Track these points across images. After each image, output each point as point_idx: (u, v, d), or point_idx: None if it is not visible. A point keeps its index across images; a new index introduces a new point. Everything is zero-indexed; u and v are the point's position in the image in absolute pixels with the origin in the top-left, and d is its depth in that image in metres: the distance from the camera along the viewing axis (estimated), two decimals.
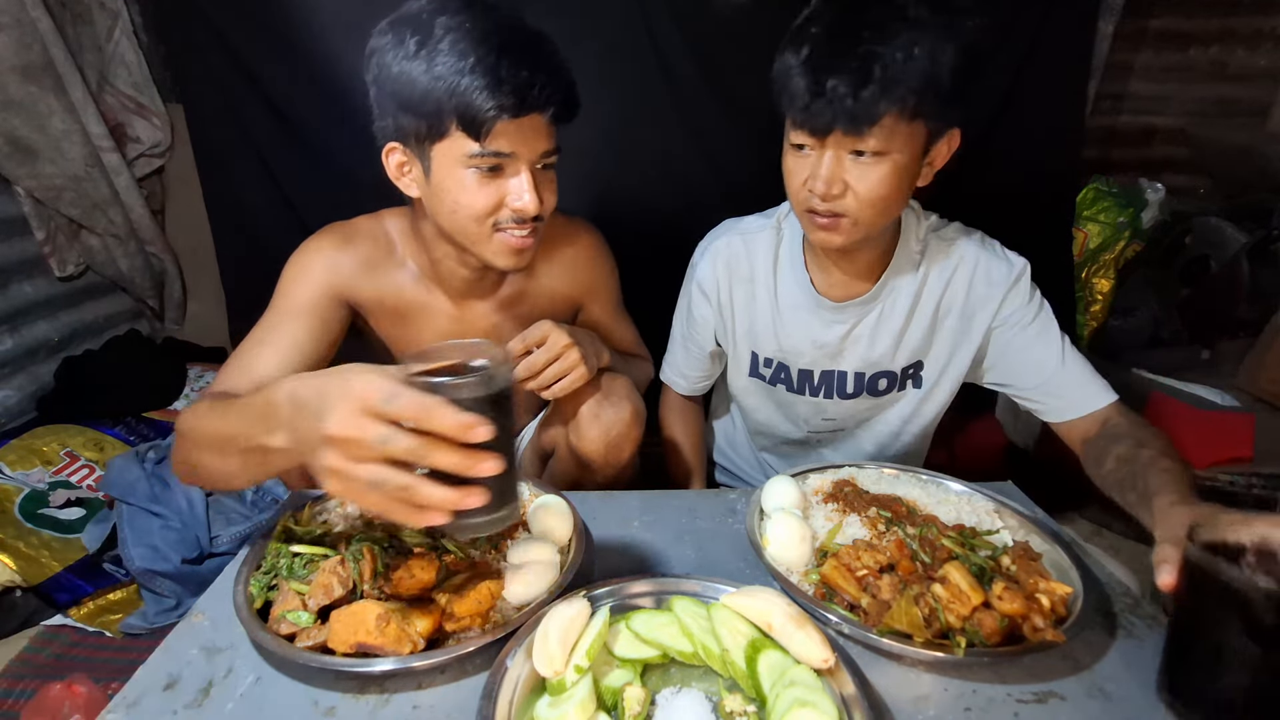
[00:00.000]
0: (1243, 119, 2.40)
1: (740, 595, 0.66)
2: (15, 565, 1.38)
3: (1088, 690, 0.64)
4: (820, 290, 1.04)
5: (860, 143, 0.83)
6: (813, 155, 0.87)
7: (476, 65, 0.79)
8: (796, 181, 0.91)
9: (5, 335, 1.83)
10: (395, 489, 0.51)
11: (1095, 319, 2.23)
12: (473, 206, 0.88)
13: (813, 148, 0.87)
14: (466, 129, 0.82)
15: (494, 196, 0.87)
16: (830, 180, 0.86)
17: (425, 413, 0.50)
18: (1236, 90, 2.38)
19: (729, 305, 1.12)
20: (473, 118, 0.81)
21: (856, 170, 0.86)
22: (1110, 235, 2.18)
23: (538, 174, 0.89)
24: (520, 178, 0.87)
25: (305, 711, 0.61)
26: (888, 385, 1.10)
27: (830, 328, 1.05)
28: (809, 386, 1.12)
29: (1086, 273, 2.21)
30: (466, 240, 0.92)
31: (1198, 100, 2.40)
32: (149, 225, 2.06)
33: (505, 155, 0.85)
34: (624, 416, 1.00)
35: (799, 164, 0.90)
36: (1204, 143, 2.37)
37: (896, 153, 0.85)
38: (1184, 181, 2.40)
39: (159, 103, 2.03)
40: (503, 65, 0.79)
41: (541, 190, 0.89)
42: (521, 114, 0.82)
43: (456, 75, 0.79)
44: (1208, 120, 2.40)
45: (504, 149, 0.84)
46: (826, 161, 0.86)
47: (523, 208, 0.87)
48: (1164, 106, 2.41)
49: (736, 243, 1.09)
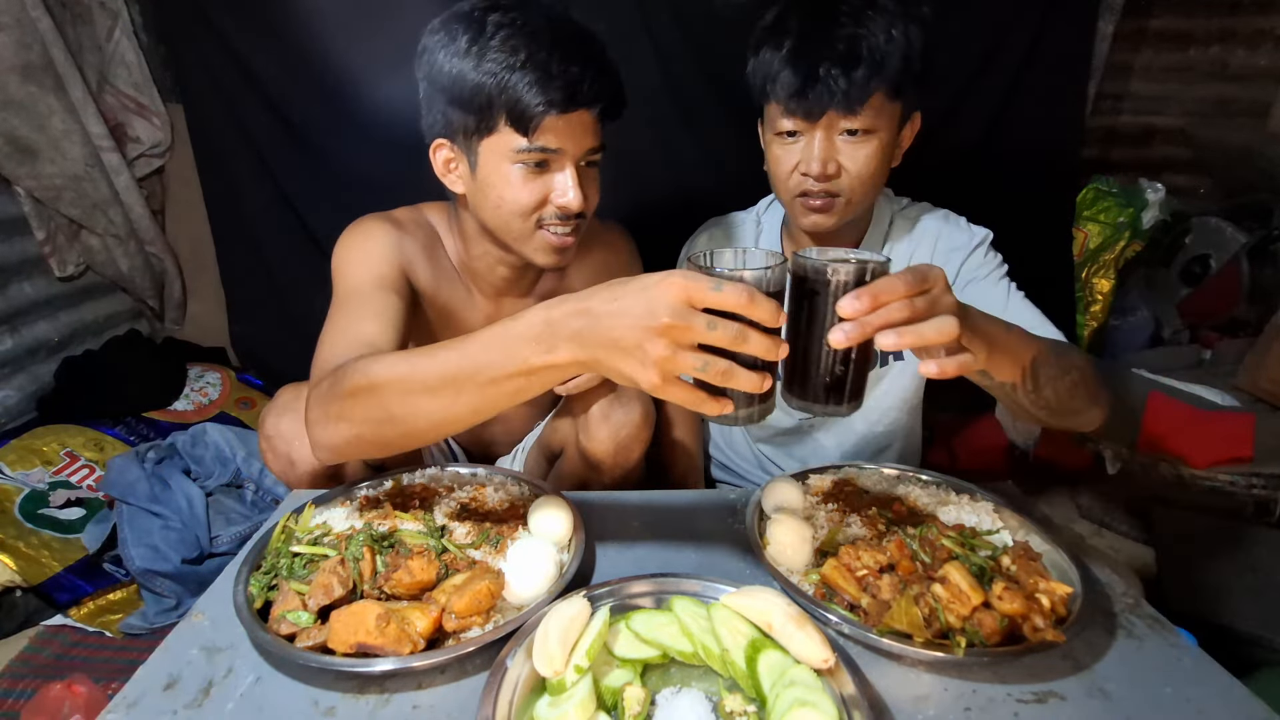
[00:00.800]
0: (1243, 119, 2.40)
1: (740, 595, 0.66)
2: (15, 565, 1.38)
3: (1088, 690, 0.64)
4: None
5: (853, 121, 0.88)
6: (803, 140, 0.92)
7: (527, 61, 0.80)
8: (785, 168, 0.94)
9: (5, 335, 1.83)
10: (718, 372, 0.56)
11: (1095, 319, 2.22)
12: (518, 202, 0.89)
13: (804, 132, 0.91)
14: (515, 124, 0.84)
15: (539, 192, 0.88)
16: (825, 160, 0.90)
17: (749, 300, 0.55)
18: (1236, 90, 2.38)
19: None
20: (521, 113, 0.82)
21: (848, 150, 0.91)
22: (1110, 235, 2.18)
23: (582, 171, 0.90)
24: (565, 174, 0.88)
25: (305, 711, 0.61)
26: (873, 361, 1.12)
27: None
28: None
29: (1086, 273, 2.21)
30: (509, 237, 0.93)
31: (1198, 100, 2.40)
32: (149, 225, 2.06)
33: (552, 151, 0.86)
34: (634, 418, 1.00)
35: (788, 151, 0.93)
36: (1204, 143, 2.37)
37: (882, 130, 0.90)
38: (1184, 181, 2.40)
39: (159, 103, 2.03)
40: (553, 61, 0.81)
41: (586, 187, 0.90)
42: (570, 109, 0.83)
43: (507, 71, 0.81)
44: (1208, 120, 2.39)
45: (551, 144, 0.85)
46: (819, 143, 0.90)
47: (567, 204, 0.88)
48: (1164, 106, 2.41)
49: (719, 235, 1.15)
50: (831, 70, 0.85)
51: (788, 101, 0.89)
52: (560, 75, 0.81)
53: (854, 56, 0.84)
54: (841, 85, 0.85)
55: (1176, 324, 2.21)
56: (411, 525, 0.79)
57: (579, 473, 1.08)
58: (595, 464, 1.02)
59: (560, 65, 0.81)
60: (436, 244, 1.03)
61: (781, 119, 0.92)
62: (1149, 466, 1.57)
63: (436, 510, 0.84)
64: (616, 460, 1.01)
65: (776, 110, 0.92)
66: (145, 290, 2.17)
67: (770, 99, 0.92)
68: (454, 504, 0.85)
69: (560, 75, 0.81)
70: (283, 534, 0.78)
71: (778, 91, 0.90)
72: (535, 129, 0.84)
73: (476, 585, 0.68)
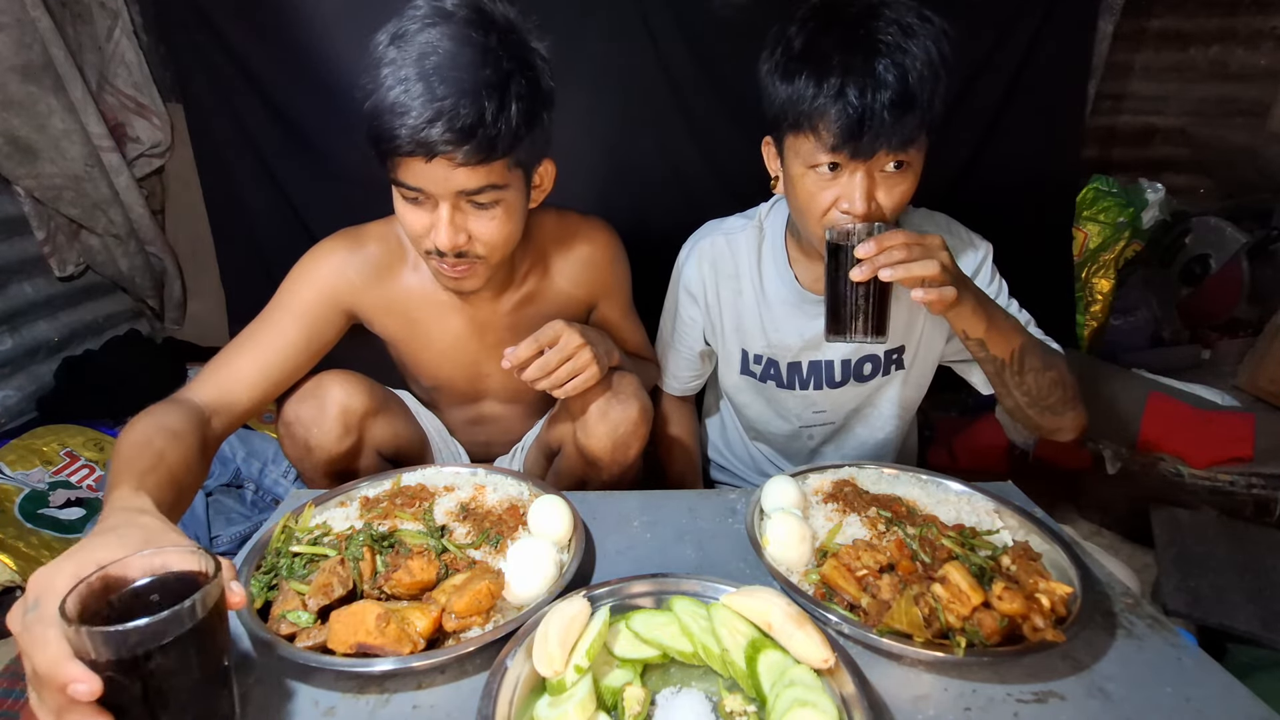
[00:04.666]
0: (1243, 119, 2.40)
1: (740, 595, 0.66)
2: (15, 565, 1.38)
3: (1088, 690, 0.64)
4: (804, 285, 1.07)
5: (899, 157, 0.86)
6: (844, 175, 0.88)
7: (382, 96, 0.78)
8: (822, 203, 0.90)
9: (5, 335, 1.83)
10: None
11: (1095, 319, 2.22)
12: (408, 229, 0.89)
13: (845, 166, 0.87)
14: (380, 159, 0.83)
15: (419, 223, 0.87)
16: (869, 198, 0.87)
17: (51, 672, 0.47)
18: (1236, 90, 2.38)
19: (716, 304, 1.13)
20: (379, 148, 0.82)
21: (887, 183, 0.89)
22: (1110, 235, 2.18)
23: (466, 209, 0.86)
24: (438, 212, 0.85)
25: (305, 711, 0.61)
26: (873, 370, 1.12)
27: (816, 320, 1.06)
28: (798, 379, 1.14)
29: (1086, 273, 2.21)
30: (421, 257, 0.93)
31: (1198, 100, 2.40)
32: (149, 225, 2.06)
33: (413, 190, 0.84)
34: (631, 415, 1.00)
35: (825, 185, 0.89)
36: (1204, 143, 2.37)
37: (918, 160, 0.89)
38: (1184, 181, 2.40)
39: (159, 103, 2.03)
40: (400, 100, 0.77)
41: (468, 225, 0.86)
42: (416, 154, 0.79)
43: (371, 103, 0.80)
44: (1208, 120, 2.40)
45: (411, 183, 0.83)
46: (863, 180, 0.87)
47: (436, 241, 0.86)
48: (1164, 106, 2.42)
49: (720, 242, 1.11)
50: (886, 112, 0.81)
51: (836, 140, 0.84)
52: (401, 115, 0.77)
53: (907, 96, 0.81)
54: (895, 127, 0.82)
55: (1176, 324, 2.21)
56: (411, 525, 0.79)
57: (577, 470, 1.08)
58: (593, 461, 1.02)
59: (404, 105, 0.77)
60: (401, 258, 1.02)
61: (820, 154, 0.87)
62: (1149, 466, 1.57)
63: (436, 510, 0.84)
64: (614, 457, 1.01)
65: (813, 145, 0.87)
66: (145, 290, 2.17)
67: (804, 130, 0.87)
68: (454, 504, 0.85)
69: (401, 115, 0.77)
70: (283, 534, 0.78)
71: (822, 129, 0.85)
72: (394, 165, 0.83)
73: (476, 585, 0.68)
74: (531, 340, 0.91)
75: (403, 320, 1.05)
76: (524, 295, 1.08)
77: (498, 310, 1.07)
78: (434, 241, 0.86)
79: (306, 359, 0.99)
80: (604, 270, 1.12)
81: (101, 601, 0.51)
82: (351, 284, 1.00)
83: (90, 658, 0.47)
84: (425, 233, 0.87)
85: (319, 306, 0.99)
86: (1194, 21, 2.32)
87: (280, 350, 0.96)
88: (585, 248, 1.10)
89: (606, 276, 1.13)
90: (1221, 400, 1.76)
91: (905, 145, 0.85)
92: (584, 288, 1.12)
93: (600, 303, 1.16)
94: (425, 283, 1.03)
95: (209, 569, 0.53)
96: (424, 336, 1.07)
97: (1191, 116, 2.41)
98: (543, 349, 0.92)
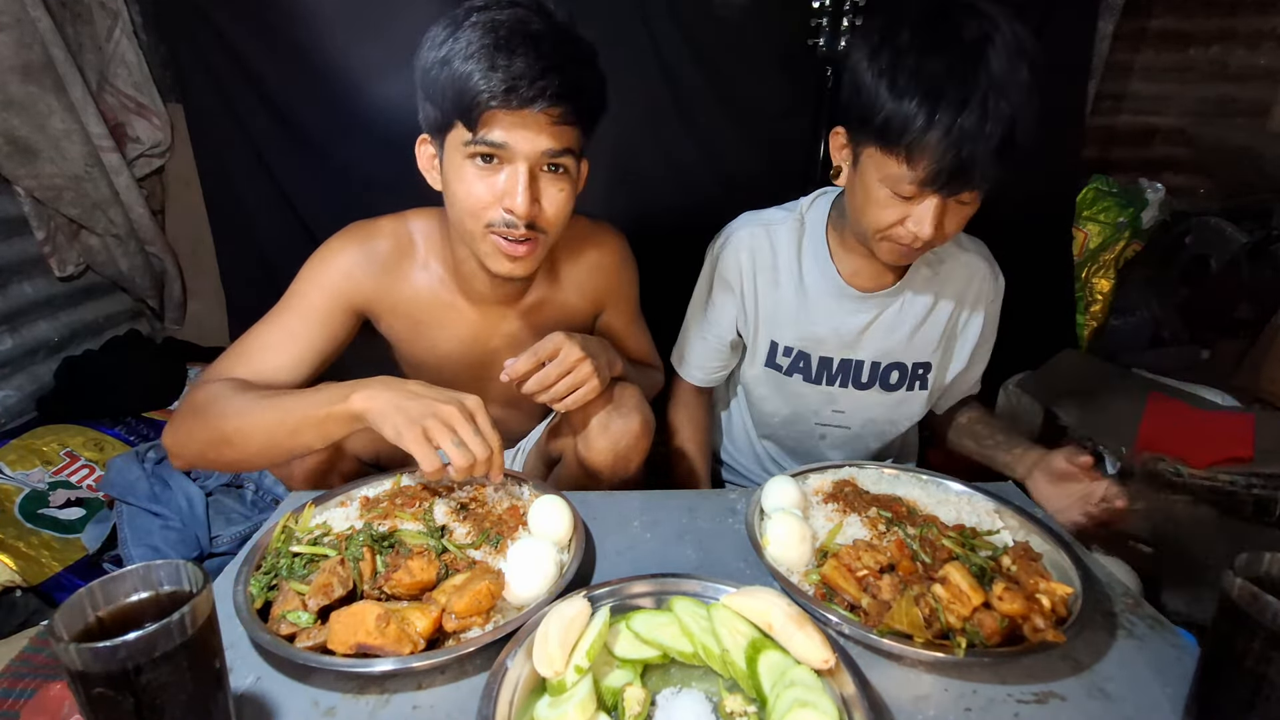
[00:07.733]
0: (1243, 119, 2.40)
1: (740, 595, 0.66)
2: (15, 565, 1.38)
3: (1088, 690, 0.64)
4: (846, 279, 1.07)
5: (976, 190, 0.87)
6: (922, 202, 0.87)
7: (476, 52, 0.79)
8: (889, 218, 0.90)
9: (5, 335, 1.83)
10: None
11: (1095, 319, 2.22)
12: (468, 199, 0.86)
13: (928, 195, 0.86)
14: (461, 115, 0.82)
15: (488, 192, 0.85)
16: (938, 224, 0.88)
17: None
18: (1236, 90, 2.38)
19: (752, 293, 1.13)
20: (466, 103, 0.80)
21: (956, 211, 0.89)
22: (1110, 235, 2.18)
23: (541, 176, 0.86)
24: (514, 173, 0.84)
25: (305, 711, 0.61)
26: (899, 379, 1.13)
27: (854, 316, 1.08)
28: (827, 375, 1.14)
29: (1086, 273, 2.21)
30: (466, 238, 0.91)
31: (1198, 100, 2.40)
32: (149, 225, 2.06)
33: (498, 145, 0.83)
34: (633, 428, 0.99)
35: (896, 204, 0.89)
36: (1204, 143, 2.37)
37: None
38: (1184, 181, 2.40)
39: (159, 103, 2.03)
40: (500, 54, 0.78)
41: (541, 195, 0.86)
42: (512, 105, 0.79)
43: (460, 60, 0.79)
44: (1208, 120, 2.39)
45: (496, 139, 0.82)
46: (936, 208, 0.87)
47: (512, 206, 0.84)
48: (1164, 106, 2.41)
49: (759, 233, 1.11)
50: (987, 161, 0.81)
51: (928, 178, 0.83)
52: (504, 68, 0.78)
53: (1008, 145, 0.80)
54: (991, 171, 0.82)
55: (1176, 324, 2.21)
56: (411, 525, 0.79)
57: (577, 480, 1.06)
58: (594, 473, 1.01)
59: (505, 58, 0.78)
60: (411, 256, 1.01)
61: (906, 185, 0.86)
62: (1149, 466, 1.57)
63: (436, 510, 0.84)
64: (615, 470, 1.00)
65: (903, 171, 0.85)
66: (145, 290, 2.17)
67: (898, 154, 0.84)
68: (454, 504, 0.85)
69: (504, 68, 0.78)
70: (283, 534, 0.78)
71: (918, 161, 0.83)
72: (478, 121, 0.81)
73: (476, 585, 0.68)
74: (530, 353, 0.90)
75: (409, 322, 1.04)
76: (532, 301, 1.07)
77: (505, 315, 1.06)
78: (508, 206, 0.85)
79: (328, 357, 0.98)
80: (612, 277, 1.12)
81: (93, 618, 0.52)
82: (359, 281, 0.98)
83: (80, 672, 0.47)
84: (493, 202, 0.86)
85: (331, 306, 0.97)
86: (1194, 21, 2.32)
87: (301, 349, 0.95)
88: (594, 254, 1.09)
89: (614, 283, 1.13)
90: (1221, 400, 1.76)
91: (987, 183, 0.85)
92: (591, 294, 1.11)
93: (607, 309, 1.15)
94: (434, 283, 1.02)
95: (198, 583, 0.54)
96: (429, 339, 1.05)
97: (1191, 117, 2.40)
98: (542, 362, 0.90)
